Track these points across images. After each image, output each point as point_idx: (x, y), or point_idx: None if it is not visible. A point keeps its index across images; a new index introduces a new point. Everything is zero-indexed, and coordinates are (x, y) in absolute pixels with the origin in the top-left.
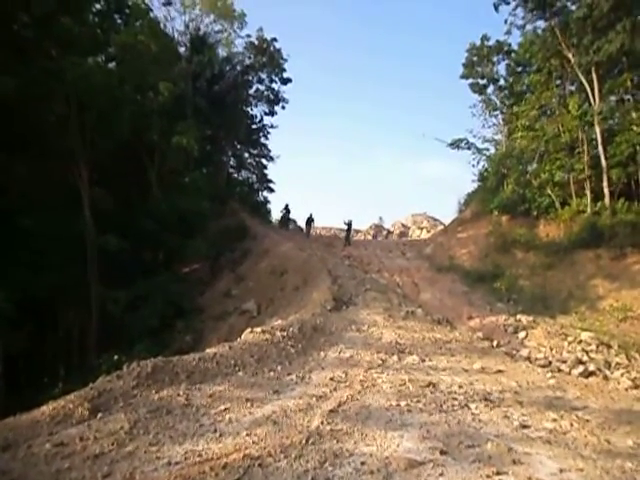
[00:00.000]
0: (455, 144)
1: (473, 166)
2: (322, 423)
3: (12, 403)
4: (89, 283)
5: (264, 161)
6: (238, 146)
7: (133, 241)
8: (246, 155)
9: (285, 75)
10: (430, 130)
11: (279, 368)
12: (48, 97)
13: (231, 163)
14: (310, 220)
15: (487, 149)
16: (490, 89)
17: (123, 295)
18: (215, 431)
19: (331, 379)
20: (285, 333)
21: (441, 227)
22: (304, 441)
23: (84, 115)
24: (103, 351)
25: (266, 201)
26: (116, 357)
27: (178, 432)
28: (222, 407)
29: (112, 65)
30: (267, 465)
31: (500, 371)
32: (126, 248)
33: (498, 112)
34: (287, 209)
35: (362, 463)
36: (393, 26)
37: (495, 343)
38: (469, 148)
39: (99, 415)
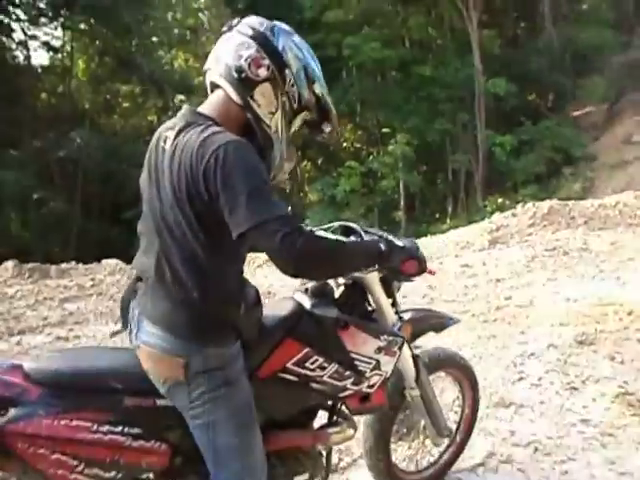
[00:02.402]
0: None
1: None
2: None
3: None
4: (475, 128)
5: None
6: None
7: (520, 83)
8: None
9: None
10: None
11: None
12: None
13: None
14: None
15: None
16: None
17: (509, 140)
18: (618, 279)
19: None
20: None
21: None
22: None
23: None
24: (487, 194)
25: None
26: (500, 200)
27: (576, 273)
28: (626, 257)
29: None
30: None
31: None
32: (513, 91)
33: None
34: None
35: None
36: None
37: None
38: None
39: (497, 246)
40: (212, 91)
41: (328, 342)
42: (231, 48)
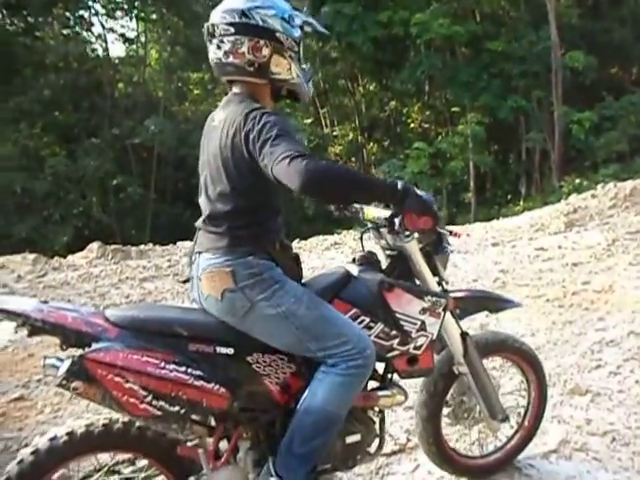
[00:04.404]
0: None
1: None
2: None
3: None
4: (552, 104)
5: None
6: None
7: (601, 55)
8: None
9: None
10: None
11: None
12: None
13: None
14: None
15: None
16: None
17: (588, 116)
18: None
19: None
20: None
21: None
22: None
23: None
24: (564, 174)
25: None
26: (578, 180)
27: None
28: None
29: None
30: None
31: None
32: (593, 64)
33: None
34: None
35: None
36: None
37: None
38: None
39: (574, 229)
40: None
41: (374, 303)
42: (228, 51)
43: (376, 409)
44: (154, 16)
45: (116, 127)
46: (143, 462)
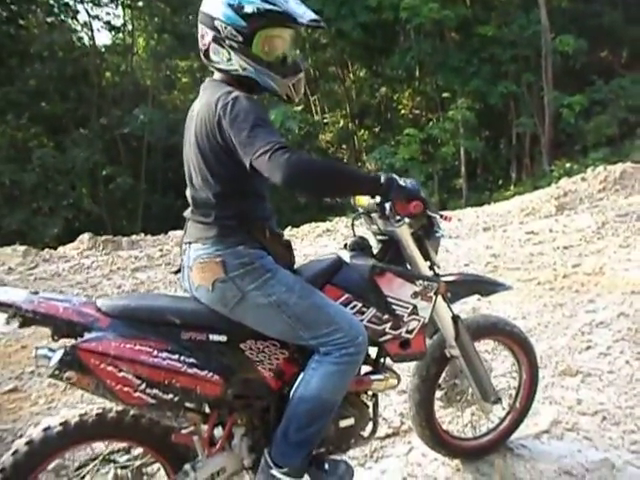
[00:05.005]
0: None
1: None
2: None
3: (473, 198)
4: (542, 89)
5: None
6: None
7: (591, 39)
8: None
9: None
10: None
11: None
12: None
13: None
14: None
15: None
16: None
17: (578, 100)
18: None
19: None
20: None
21: None
22: None
23: None
24: (554, 158)
25: None
26: (568, 164)
27: None
28: None
29: None
30: None
31: None
32: (583, 48)
33: None
34: None
35: None
36: None
37: None
38: None
39: (565, 212)
40: None
41: (366, 288)
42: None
43: (369, 393)
44: (140, 3)
45: (104, 117)
46: (138, 450)
